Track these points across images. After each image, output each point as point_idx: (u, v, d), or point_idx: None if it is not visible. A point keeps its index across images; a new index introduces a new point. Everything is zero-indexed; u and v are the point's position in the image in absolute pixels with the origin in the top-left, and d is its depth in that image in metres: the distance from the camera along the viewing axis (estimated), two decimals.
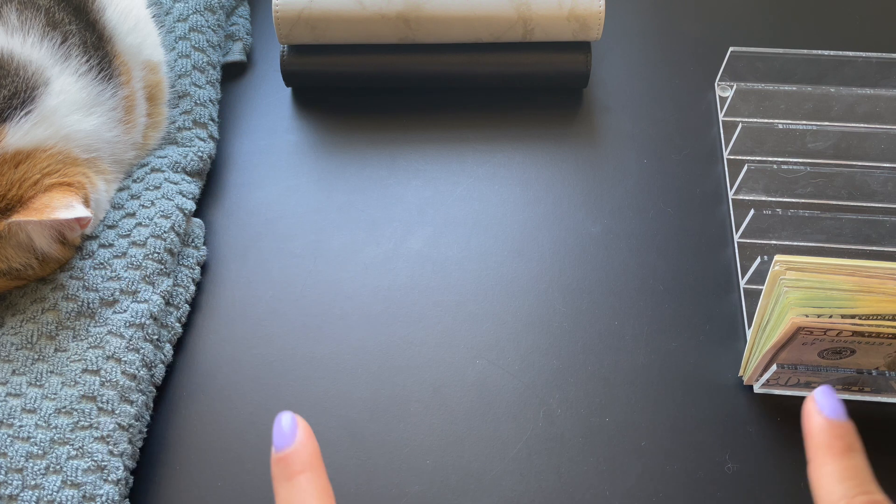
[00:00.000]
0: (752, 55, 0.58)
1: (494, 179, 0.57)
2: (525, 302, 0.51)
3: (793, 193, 0.55)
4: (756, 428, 0.47)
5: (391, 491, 0.45)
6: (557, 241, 0.54)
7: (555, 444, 0.46)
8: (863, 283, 0.42)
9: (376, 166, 0.57)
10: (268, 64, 0.63)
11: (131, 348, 0.45)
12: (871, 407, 0.47)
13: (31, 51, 0.46)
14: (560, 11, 0.56)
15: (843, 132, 0.55)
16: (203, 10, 0.58)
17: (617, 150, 0.58)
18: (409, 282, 0.52)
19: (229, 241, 0.54)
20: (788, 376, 0.45)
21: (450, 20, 0.56)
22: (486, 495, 0.45)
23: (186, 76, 0.56)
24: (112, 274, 0.47)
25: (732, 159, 0.57)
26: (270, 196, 0.56)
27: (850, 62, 0.59)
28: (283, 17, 0.56)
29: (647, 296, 0.52)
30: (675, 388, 0.48)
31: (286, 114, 0.60)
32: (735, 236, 0.54)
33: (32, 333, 0.45)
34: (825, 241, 0.53)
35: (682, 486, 0.45)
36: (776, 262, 0.42)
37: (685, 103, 0.60)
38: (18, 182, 0.43)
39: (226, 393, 0.48)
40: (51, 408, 0.43)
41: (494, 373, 0.49)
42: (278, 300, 0.52)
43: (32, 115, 0.44)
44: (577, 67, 0.59)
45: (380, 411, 0.47)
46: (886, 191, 0.54)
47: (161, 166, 0.53)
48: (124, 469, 0.43)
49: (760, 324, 0.45)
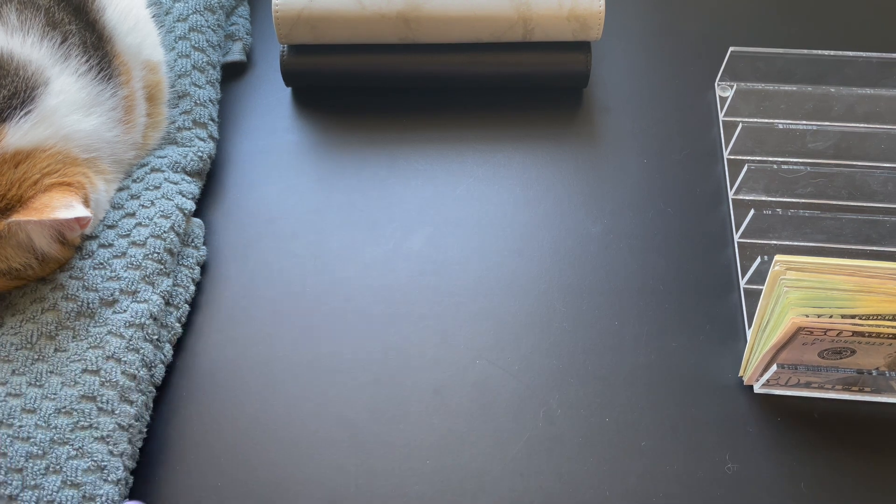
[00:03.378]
0: (753, 55, 0.58)
1: (494, 179, 0.57)
2: (525, 302, 0.51)
3: (793, 193, 0.54)
4: (756, 428, 0.47)
5: (391, 491, 0.45)
6: (557, 241, 0.54)
7: (555, 444, 0.46)
8: (863, 283, 0.42)
9: (376, 166, 0.57)
10: (268, 64, 0.63)
11: (131, 348, 0.45)
12: (871, 407, 0.47)
13: (30, 51, 0.46)
14: (560, 11, 0.56)
15: (843, 132, 0.55)
16: (203, 10, 0.58)
17: (617, 150, 0.58)
18: (409, 282, 0.52)
19: (229, 241, 0.54)
20: (788, 376, 0.45)
21: (450, 20, 0.56)
22: (486, 495, 0.45)
23: (186, 76, 0.56)
24: (112, 274, 0.47)
25: (732, 159, 0.57)
26: (270, 196, 0.56)
27: (850, 62, 0.59)
28: (283, 17, 0.56)
29: (647, 296, 0.52)
30: (675, 389, 0.48)
31: (286, 114, 0.60)
32: (735, 236, 0.54)
33: (32, 333, 0.45)
34: (825, 241, 0.53)
35: (682, 486, 0.45)
36: (776, 262, 0.42)
37: (685, 103, 0.60)
38: (18, 182, 0.43)
39: (226, 393, 0.48)
40: (51, 408, 0.43)
41: (494, 373, 0.49)
42: (278, 300, 0.51)
43: (32, 115, 0.44)
44: (577, 67, 0.59)
45: (380, 411, 0.47)
46: (886, 191, 0.54)
47: (161, 166, 0.53)
48: (124, 469, 0.43)
49: (760, 324, 0.45)
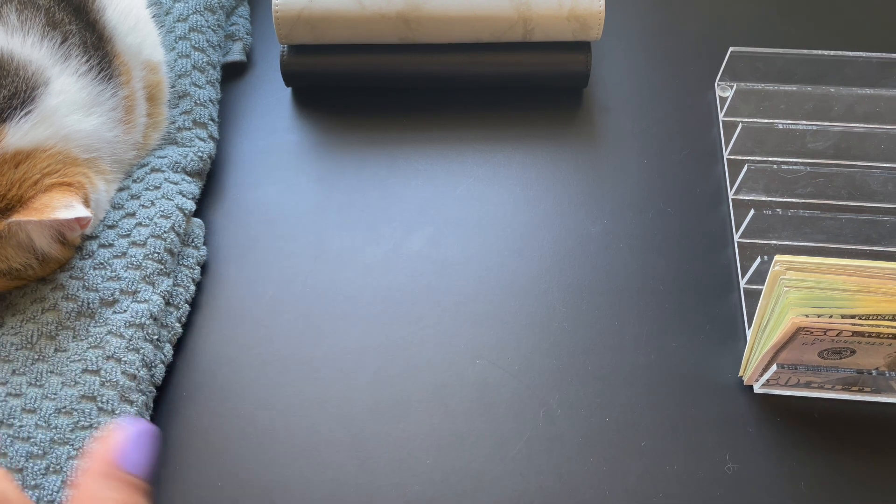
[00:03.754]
0: (752, 55, 0.58)
1: (494, 179, 0.57)
2: (525, 302, 0.51)
3: (793, 193, 0.54)
4: (756, 428, 0.47)
5: (391, 491, 0.45)
6: (557, 241, 0.54)
7: (555, 444, 0.46)
8: (863, 283, 0.42)
9: (376, 166, 0.57)
10: (268, 64, 0.63)
11: (131, 348, 0.45)
12: (871, 407, 0.47)
13: (31, 51, 0.46)
14: (560, 11, 0.56)
15: (843, 132, 0.55)
16: (203, 10, 0.58)
17: (617, 150, 0.58)
18: (409, 282, 0.52)
19: (229, 241, 0.54)
20: (788, 376, 0.45)
21: (450, 20, 0.56)
22: (486, 495, 0.45)
23: (186, 76, 0.56)
24: (112, 274, 0.47)
25: (732, 159, 0.57)
26: (270, 196, 0.56)
27: (850, 62, 0.59)
28: (283, 17, 0.56)
29: (647, 296, 0.52)
30: (675, 388, 0.48)
31: (286, 114, 0.60)
32: (735, 236, 0.54)
33: (32, 333, 0.45)
34: (825, 241, 0.53)
35: (682, 486, 0.45)
36: (776, 262, 0.42)
37: (685, 103, 0.60)
38: (18, 182, 0.43)
39: (226, 393, 0.48)
40: (51, 408, 0.43)
41: (494, 373, 0.49)
42: (278, 300, 0.51)
43: (32, 116, 0.44)
44: (577, 67, 0.59)
45: (380, 411, 0.47)
46: (886, 191, 0.54)
47: (161, 166, 0.53)
48: None
49: (760, 324, 0.45)
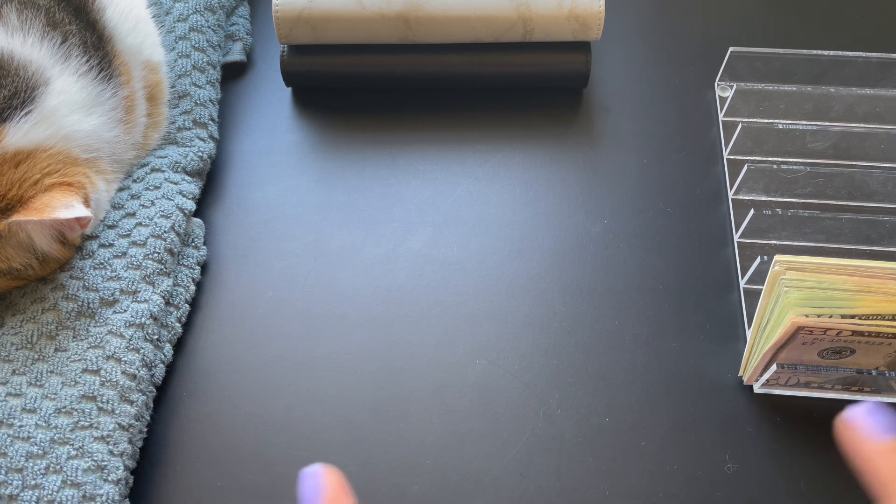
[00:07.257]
0: (752, 55, 0.58)
1: (494, 179, 0.57)
2: (525, 302, 0.51)
3: (793, 193, 0.54)
4: (756, 428, 0.47)
5: (391, 491, 0.45)
6: (557, 241, 0.54)
7: (555, 444, 0.46)
8: (863, 283, 0.42)
9: (376, 166, 0.57)
10: (268, 64, 0.63)
11: (131, 348, 0.45)
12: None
13: (31, 51, 0.46)
14: (560, 11, 0.56)
15: (843, 132, 0.55)
16: (203, 10, 0.58)
17: (617, 150, 0.58)
18: (409, 282, 0.52)
19: (229, 241, 0.54)
20: (788, 376, 0.45)
21: (450, 20, 0.56)
22: (486, 495, 0.45)
23: (186, 76, 0.56)
24: (112, 274, 0.47)
25: (732, 159, 0.57)
26: (270, 196, 0.56)
27: (850, 62, 0.59)
28: (283, 17, 0.56)
29: (647, 296, 0.52)
30: (675, 389, 0.48)
31: (286, 114, 0.60)
32: (735, 236, 0.54)
33: (32, 333, 0.45)
34: (825, 241, 0.53)
35: (682, 486, 0.45)
36: (776, 262, 0.42)
37: (685, 103, 0.60)
38: (18, 182, 0.43)
39: (226, 393, 0.48)
40: (51, 408, 0.43)
41: (494, 373, 0.49)
42: (278, 300, 0.51)
43: (32, 115, 0.44)
44: (577, 67, 0.59)
45: (380, 411, 0.47)
46: (886, 191, 0.54)
47: (161, 166, 0.53)
48: (124, 469, 0.43)
49: (760, 324, 0.45)
